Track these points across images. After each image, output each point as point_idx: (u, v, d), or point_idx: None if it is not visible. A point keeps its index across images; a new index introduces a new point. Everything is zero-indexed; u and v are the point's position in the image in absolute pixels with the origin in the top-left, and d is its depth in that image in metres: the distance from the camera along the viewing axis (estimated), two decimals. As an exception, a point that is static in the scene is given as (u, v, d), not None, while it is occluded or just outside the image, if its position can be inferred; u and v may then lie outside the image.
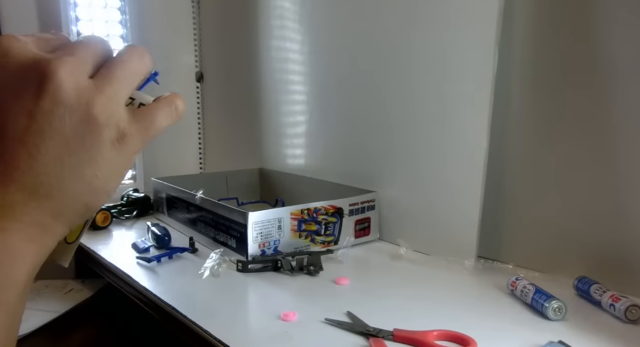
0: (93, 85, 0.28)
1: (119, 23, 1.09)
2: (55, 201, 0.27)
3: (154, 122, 0.31)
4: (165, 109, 0.32)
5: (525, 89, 0.63)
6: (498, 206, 0.66)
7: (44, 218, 0.27)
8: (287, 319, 0.49)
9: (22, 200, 0.26)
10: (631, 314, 0.48)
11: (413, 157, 0.72)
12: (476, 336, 0.44)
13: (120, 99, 0.29)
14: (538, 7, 0.60)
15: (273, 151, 1.01)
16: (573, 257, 0.60)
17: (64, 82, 0.26)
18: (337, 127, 0.85)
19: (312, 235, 0.69)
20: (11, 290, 0.26)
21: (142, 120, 0.30)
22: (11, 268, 0.26)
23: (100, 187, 0.29)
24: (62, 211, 0.28)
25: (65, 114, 0.26)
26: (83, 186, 0.28)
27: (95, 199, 0.29)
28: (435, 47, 0.67)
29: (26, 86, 0.26)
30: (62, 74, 0.26)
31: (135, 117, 0.30)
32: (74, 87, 0.27)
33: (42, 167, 0.26)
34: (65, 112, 0.26)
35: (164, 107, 0.32)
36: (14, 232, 0.26)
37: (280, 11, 0.94)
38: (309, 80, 0.89)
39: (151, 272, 0.63)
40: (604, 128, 0.56)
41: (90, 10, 1.05)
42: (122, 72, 0.29)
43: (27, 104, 0.26)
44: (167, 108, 0.32)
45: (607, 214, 0.57)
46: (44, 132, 0.26)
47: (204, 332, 0.47)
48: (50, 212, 0.27)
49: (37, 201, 0.27)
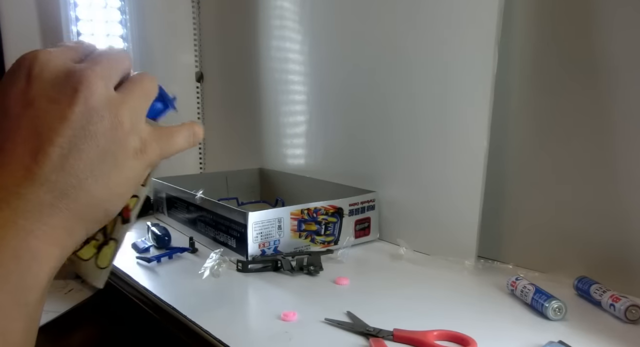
0: (119, 95, 0.30)
1: (119, 23, 1.09)
2: (81, 204, 0.28)
3: (173, 140, 0.34)
4: (185, 132, 0.35)
5: (525, 89, 0.63)
6: (498, 205, 0.66)
7: (70, 222, 0.28)
8: (287, 319, 0.49)
9: (51, 201, 0.27)
10: (631, 314, 0.48)
11: (413, 157, 0.72)
12: (476, 336, 0.44)
13: (141, 111, 0.31)
14: (538, 7, 0.60)
15: (273, 151, 1.01)
16: (573, 257, 0.60)
17: (95, 90, 0.28)
18: (337, 127, 0.85)
19: (312, 235, 0.69)
20: (34, 292, 0.26)
21: (162, 136, 0.33)
22: (36, 270, 0.26)
23: (120, 194, 0.31)
24: (86, 215, 0.29)
25: (96, 119, 0.28)
26: (106, 192, 0.29)
27: (114, 205, 0.31)
28: (435, 47, 0.67)
29: (61, 94, 0.28)
30: (94, 82, 0.28)
31: (156, 132, 0.32)
32: (104, 95, 0.29)
33: (74, 170, 0.28)
34: (97, 118, 0.28)
35: (184, 130, 0.35)
36: (41, 234, 0.27)
37: (280, 11, 0.94)
38: (309, 80, 0.89)
39: (151, 272, 0.63)
40: (604, 128, 0.56)
41: (90, 10, 1.05)
42: (141, 88, 0.32)
43: (62, 110, 0.27)
44: (186, 132, 0.35)
45: (607, 214, 0.57)
46: (77, 136, 0.28)
47: (204, 332, 0.47)
48: (75, 215, 0.28)
49: (65, 203, 0.28)
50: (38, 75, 0.28)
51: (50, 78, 0.28)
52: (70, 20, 1.02)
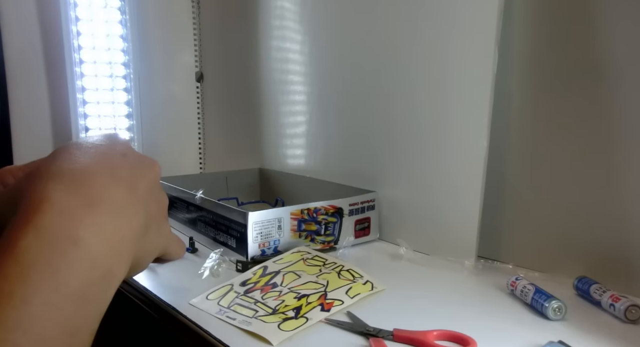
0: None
1: (119, 23, 1.09)
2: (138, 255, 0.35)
3: (170, 237, 0.44)
4: (180, 242, 0.46)
5: (525, 89, 0.63)
6: (498, 205, 0.66)
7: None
8: (287, 319, 0.49)
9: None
10: (631, 314, 0.48)
11: (413, 157, 0.72)
12: (476, 336, 0.44)
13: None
14: (538, 7, 0.60)
15: (273, 151, 1.01)
16: (573, 257, 0.60)
17: (159, 173, 0.39)
18: (337, 127, 0.85)
19: (312, 235, 0.69)
20: (97, 322, 0.30)
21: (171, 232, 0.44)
22: (105, 305, 0.31)
23: (146, 257, 0.39)
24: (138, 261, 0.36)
25: (159, 190, 0.39)
26: (151, 248, 0.39)
27: (142, 263, 0.38)
28: (435, 47, 0.67)
29: (141, 171, 0.36)
30: (159, 169, 0.39)
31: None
32: (159, 177, 0.39)
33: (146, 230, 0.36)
34: (159, 190, 0.39)
35: (179, 241, 0.46)
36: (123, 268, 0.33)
37: (280, 11, 0.94)
38: (309, 80, 0.89)
39: (151, 272, 0.63)
40: (604, 128, 0.56)
41: (90, 10, 1.05)
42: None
43: (147, 175, 0.37)
44: (181, 243, 0.47)
45: (607, 214, 0.57)
46: (152, 193, 0.37)
47: (204, 332, 0.47)
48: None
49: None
50: (125, 157, 0.38)
51: (132, 161, 0.37)
52: (70, 20, 1.03)
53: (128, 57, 1.11)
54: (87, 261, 0.28)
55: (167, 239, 0.43)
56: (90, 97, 1.08)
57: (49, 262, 0.27)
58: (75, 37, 1.04)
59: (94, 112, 1.09)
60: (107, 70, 1.09)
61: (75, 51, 1.04)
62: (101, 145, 0.36)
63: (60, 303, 0.27)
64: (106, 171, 0.33)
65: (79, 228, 0.29)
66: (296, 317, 0.48)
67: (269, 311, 0.50)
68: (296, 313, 0.49)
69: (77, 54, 1.05)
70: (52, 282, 0.27)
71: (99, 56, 1.08)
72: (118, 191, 0.32)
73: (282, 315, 0.49)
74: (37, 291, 0.26)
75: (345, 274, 0.58)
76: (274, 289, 0.55)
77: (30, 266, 0.26)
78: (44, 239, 0.27)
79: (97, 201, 0.30)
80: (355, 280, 0.57)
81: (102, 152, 0.35)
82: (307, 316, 0.48)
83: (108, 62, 1.09)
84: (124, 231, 0.31)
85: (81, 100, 1.08)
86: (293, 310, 0.49)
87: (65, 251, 0.28)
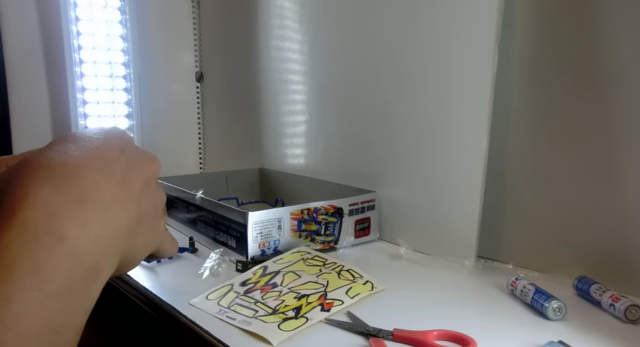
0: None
1: (119, 23, 1.09)
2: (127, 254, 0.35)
3: (165, 235, 0.44)
4: (173, 240, 0.46)
5: (525, 89, 0.63)
6: (498, 205, 0.66)
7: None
8: (287, 319, 0.49)
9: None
10: (631, 314, 0.48)
11: (413, 157, 0.72)
12: (476, 336, 0.44)
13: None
14: (538, 7, 0.60)
15: (273, 151, 1.01)
16: (573, 257, 0.60)
17: (157, 169, 0.39)
18: (337, 127, 0.85)
19: (312, 235, 0.69)
20: (84, 318, 0.30)
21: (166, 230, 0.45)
22: (92, 301, 0.30)
23: (138, 254, 0.38)
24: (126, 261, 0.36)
25: (156, 186, 0.39)
26: (144, 244, 0.38)
27: (134, 260, 0.38)
28: (435, 46, 0.67)
29: (137, 166, 0.36)
30: (158, 165, 0.39)
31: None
32: (157, 173, 0.39)
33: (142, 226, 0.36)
34: (156, 186, 0.39)
35: (173, 239, 0.46)
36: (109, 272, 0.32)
37: (280, 11, 0.94)
38: (309, 80, 0.89)
39: (151, 272, 0.63)
40: (604, 128, 0.56)
41: (90, 10, 1.05)
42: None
43: (143, 171, 0.36)
44: (174, 241, 0.46)
45: (607, 213, 0.57)
46: (148, 189, 0.37)
47: (204, 332, 0.47)
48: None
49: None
50: (126, 152, 0.38)
51: (133, 155, 0.37)
52: (70, 20, 1.03)
53: (128, 57, 1.11)
54: (72, 257, 0.28)
55: (162, 236, 0.42)
56: (90, 97, 1.08)
57: (33, 258, 0.26)
58: (75, 37, 1.04)
59: (94, 112, 1.09)
60: (107, 70, 1.09)
61: (75, 51, 1.04)
62: (98, 139, 0.35)
63: (44, 300, 0.26)
64: (98, 166, 0.32)
65: (64, 224, 0.28)
66: (296, 317, 0.48)
67: (269, 311, 0.50)
68: (296, 313, 0.49)
69: (77, 54, 1.05)
70: (36, 279, 0.26)
71: (99, 56, 1.08)
72: (108, 187, 0.31)
73: (282, 315, 0.49)
74: (21, 288, 0.25)
75: (345, 274, 0.58)
76: (274, 289, 0.55)
77: (14, 263, 0.26)
78: (28, 235, 0.27)
79: (85, 196, 0.30)
80: (355, 280, 0.57)
81: (98, 146, 0.34)
82: (307, 316, 0.48)
83: (108, 62, 1.09)
84: (111, 227, 0.31)
85: (81, 100, 1.07)
86: (293, 310, 0.50)
87: (50, 247, 0.27)
